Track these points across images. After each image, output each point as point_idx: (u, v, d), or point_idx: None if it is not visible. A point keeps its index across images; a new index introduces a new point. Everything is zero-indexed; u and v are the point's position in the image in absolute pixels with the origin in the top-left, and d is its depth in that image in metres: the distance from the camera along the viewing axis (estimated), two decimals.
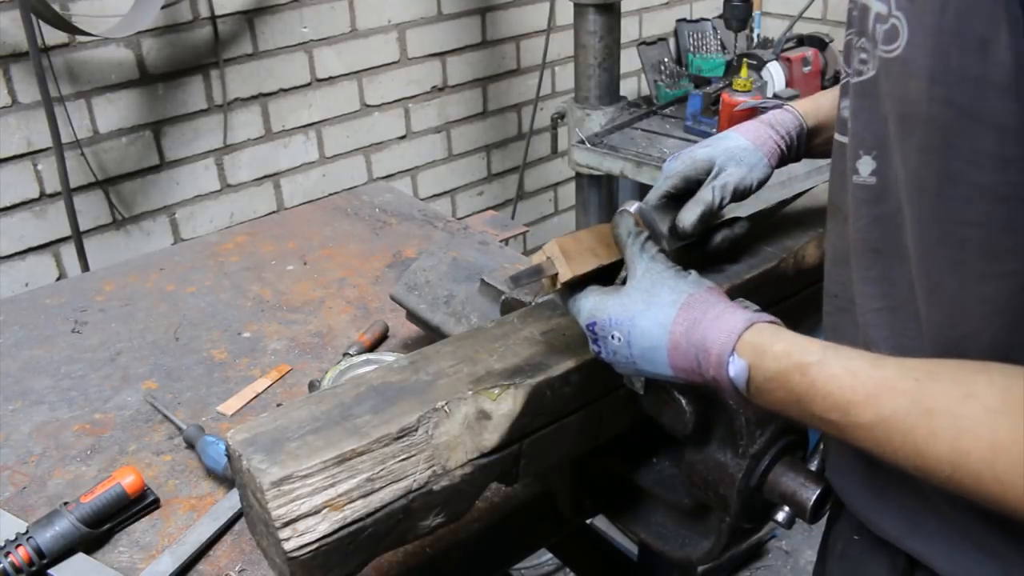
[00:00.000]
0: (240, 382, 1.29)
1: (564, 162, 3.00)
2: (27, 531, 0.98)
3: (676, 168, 1.00)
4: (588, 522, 1.55)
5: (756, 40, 3.08)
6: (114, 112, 2.11)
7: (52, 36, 1.93)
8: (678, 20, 3.25)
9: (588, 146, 2.40)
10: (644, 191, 1.06)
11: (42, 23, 1.85)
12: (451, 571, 1.02)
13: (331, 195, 2.44)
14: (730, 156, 0.97)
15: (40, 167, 2.03)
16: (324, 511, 0.71)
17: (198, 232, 2.33)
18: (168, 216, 2.29)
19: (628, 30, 3.01)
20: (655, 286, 0.75)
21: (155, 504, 1.06)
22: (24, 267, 2.07)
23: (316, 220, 1.80)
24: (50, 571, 0.97)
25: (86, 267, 2.01)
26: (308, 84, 2.43)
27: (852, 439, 0.64)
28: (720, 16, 2.94)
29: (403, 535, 0.77)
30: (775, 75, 2.55)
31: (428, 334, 1.18)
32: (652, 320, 0.73)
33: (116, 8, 1.99)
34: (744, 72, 2.13)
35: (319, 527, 0.70)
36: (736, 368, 0.69)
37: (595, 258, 0.81)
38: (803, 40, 2.76)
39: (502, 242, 1.57)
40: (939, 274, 0.66)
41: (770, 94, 2.45)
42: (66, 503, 1.01)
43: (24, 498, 1.09)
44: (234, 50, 2.26)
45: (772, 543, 2.53)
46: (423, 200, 2.58)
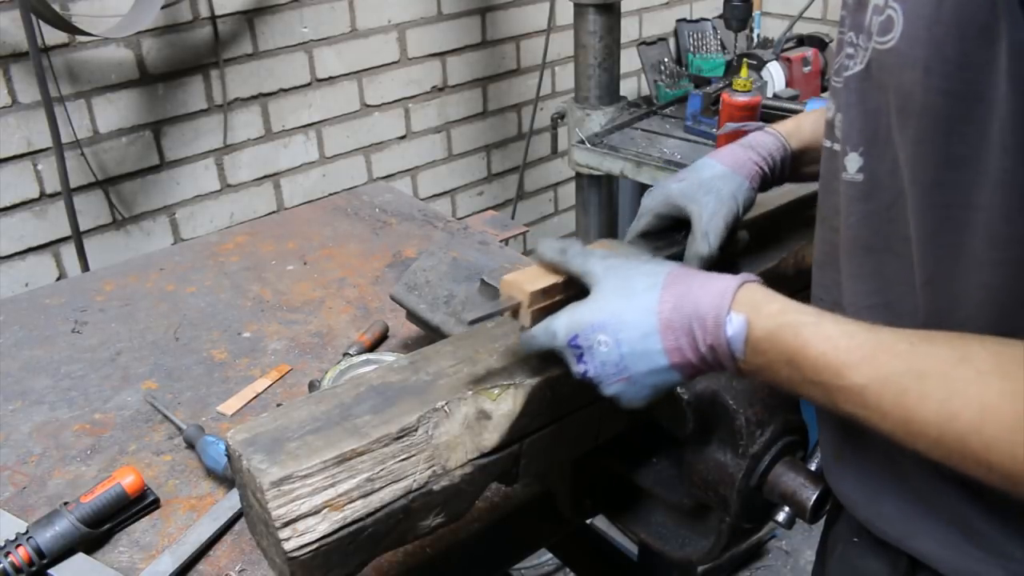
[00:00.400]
0: (240, 382, 1.29)
1: (564, 162, 3.00)
2: (27, 531, 0.98)
3: (649, 206, 1.00)
4: (588, 522, 1.55)
5: (756, 40, 3.08)
6: (114, 112, 2.11)
7: (52, 36, 1.93)
8: (678, 20, 3.25)
9: (588, 146, 2.40)
10: (644, 191, 1.06)
11: (42, 23, 1.85)
12: (451, 571, 1.02)
13: (331, 195, 2.44)
14: (707, 189, 0.95)
15: (40, 167, 2.03)
16: (324, 511, 0.71)
17: (198, 232, 2.33)
18: (168, 216, 2.29)
19: (628, 30, 3.01)
20: (626, 279, 0.73)
21: (155, 504, 1.06)
22: (24, 267, 2.07)
23: (316, 220, 1.80)
24: (50, 571, 0.97)
25: (86, 267, 2.01)
26: (308, 84, 2.43)
27: (839, 403, 0.64)
28: (720, 16, 2.94)
29: (403, 535, 0.77)
30: (775, 75, 2.55)
31: (428, 334, 1.17)
32: (637, 309, 0.71)
33: (116, 8, 1.99)
34: (744, 72, 2.13)
35: (319, 527, 0.70)
36: (735, 326, 0.67)
37: (549, 277, 0.79)
38: (803, 40, 2.76)
39: (502, 242, 1.57)
40: (937, 262, 0.66)
41: (770, 94, 2.45)
42: (66, 503, 1.01)
43: (24, 498, 1.09)
44: (234, 50, 2.26)
45: (772, 543, 2.53)
46: (423, 200, 2.58)
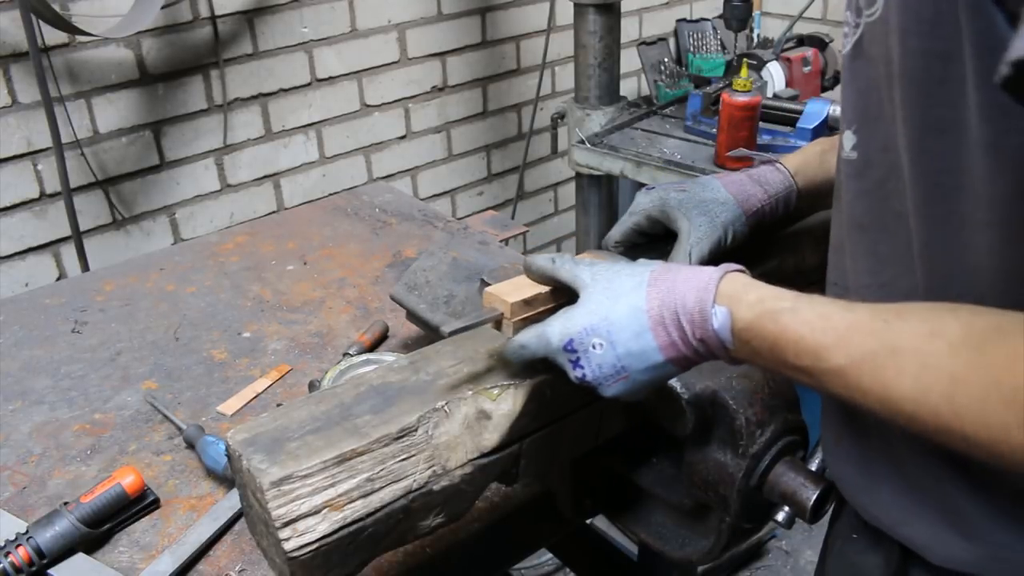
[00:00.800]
0: (240, 382, 1.29)
1: (564, 162, 3.00)
2: (27, 531, 0.98)
3: (643, 205, 1.00)
4: (588, 522, 1.55)
5: (756, 40, 3.08)
6: (114, 112, 2.11)
7: (52, 36, 1.93)
8: (678, 20, 3.25)
9: (588, 146, 2.40)
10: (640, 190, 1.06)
11: (42, 23, 1.85)
12: (451, 571, 1.02)
13: (331, 195, 2.44)
14: (704, 210, 0.95)
15: (40, 167, 2.03)
16: (324, 511, 0.71)
17: (198, 232, 2.33)
18: (168, 216, 2.29)
19: (628, 30, 3.01)
20: (612, 282, 0.74)
21: (155, 504, 1.06)
22: (24, 267, 2.07)
23: (316, 220, 1.80)
24: (50, 571, 0.97)
25: (86, 267, 2.01)
26: (308, 84, 2.43)
27: (825, 386, 0.65)
28: (720, 16, 2.94)
29: (403, 535, 0.77)
30: (775, 75, 2.55)
31: (428, 334, 1.17)
32: (625, 309, 0.71)
33: (116, 8, 1.99)
34: (744, 72, 2.13)
35: (319, 527, 0.70)
36: (720, 319, 0.68)
37: (532, 288, 0.80)
38: (803, 40, 2.75)
39: (502, 242, 1.57)
40: (930, 231, 0.67)
41: (770, 94, 2.45)
42: (66, 503, 1.01)
43: (24, 498, 1.09)
44: (234, 50, 2.26)
45: (772, 543, 2.53)
46: (423, 200, 2.58)
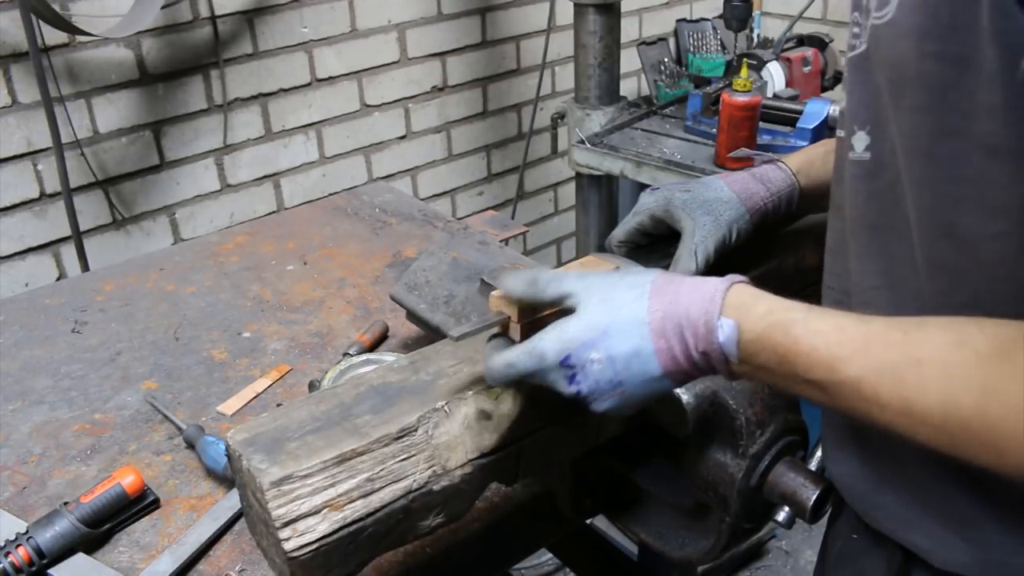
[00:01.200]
0: (240, 382, 1.29)
1: (564, 162, 3.00)
2: (27, 531, 0.98)
3: (648, 204, 0.99)
4: (588, 522, 1.55)
5: (756, 40, 3.08)
6: (114, 112, 2.11)
7: (52, 36, 1.93)
8: (678, 20, 3.25)
9: (588, 146, 2.40)
10: (644, 191, 1.06)
11: (42, 23, 1.85)
12: (451, 571, 1.02)
13: (331, 195, 2.44)
14: (708, 209, 0.95)
15: (40, 167, 2.03)
16: (324, 511, 0.71)
17: (198, 232, 2.33)
18: (168, 216, 2.29)
19: (628, 30, 3.01)
20: (609, 293, 0.70)
21: (155, 504, 1.06)
22: (24, 267, 2.07)
23: (316, 220, 1.80)
24: (50, 571, 0.97)
25: (86, 267, 2.01)
26: (308, 84, 2.43)
27: (837, 398, 0.63)
28: (720, 16, 2.94)
29: (403, 535, 0.77)
30: (775, 75, 2.55)
31: (428, 334, 1.17)
32: (626, 322, 0.68)
33: (116, 8, 1.99)
34: (744, 72, 2.13)
35: (319, 527, 0.70)
36: (726, 332, 0.66)
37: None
38: (803, 40, 2.75)
39: (502, 242, 1.57)
40: (935, 239, 0.66)
41: (770, 94, 2.45)
42: (66, 503, 1.01)
43: (24, 498, 1.09)
44: (234, 50, 2.26)
45: (772, 543, 2.53)
46: (423, 200, 2.58)
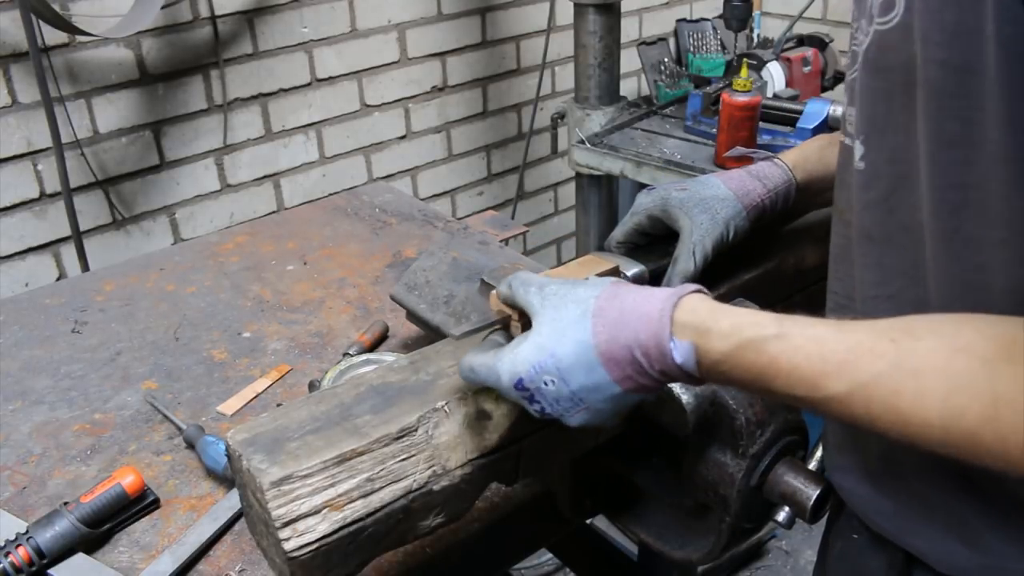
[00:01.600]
0: (240, 382, 1.29)
1: (564, 162, 3.00)
2: (27, 531, 0.98)
3: (644, 205, 0.99)
4: (588, 522, 1.55)
5: (756, 40, 3.08)
6: (114, 112, 2.11)
7: (52, 36, 1.93)
8: (678, 20, 3.25)
9: (588, 146, 2.40)
10: (641, 190, 1.06)
11: (42, 23, 1.85)
12: (451, 571, 1.02)
13: (331, 195, 2.44)
14: (705, 207, 0.94)
15: (40, 167, 2.03)
16: (324, 511, 0.71)
17: (198, 232, 2.33)
18: (168, 216, 2.29)
19: (628, 30, 3.01)
20: (559, 309, 0.67)
21: (155, 504, 1.06)
22: (24, 267, 2.07)
23: (316, 220, 1.80)
24: (50, 571, 0.97)
25: (86, 267, 2.01)
26: (308, 84, 2.43)
27: (824, 411, 0.60)
28: (720, 16, 2.94)
29: (403, 535, 0.77)
30: (775, 75, 2.55)
31: (428, 334, 1.17)
32: (571, 343, 0.65)
33: (116, 8, 1.99)
34: (744, 72, 2.12)
35: (319, 527, 0.70)
36: (682, 353, 0.63)
37: None
38: (803, 40, 2.75)
39: (502, 242, 1.57)
40: (937, 246, 0.66)
41: (770, 94, 2.45)
42: (66, 503, 1.01)
43: (24, 498, 1.09)
44: (234, 50, 2.26)
45: (772, 543, 2.53)
46: (423, 200, 2.58)
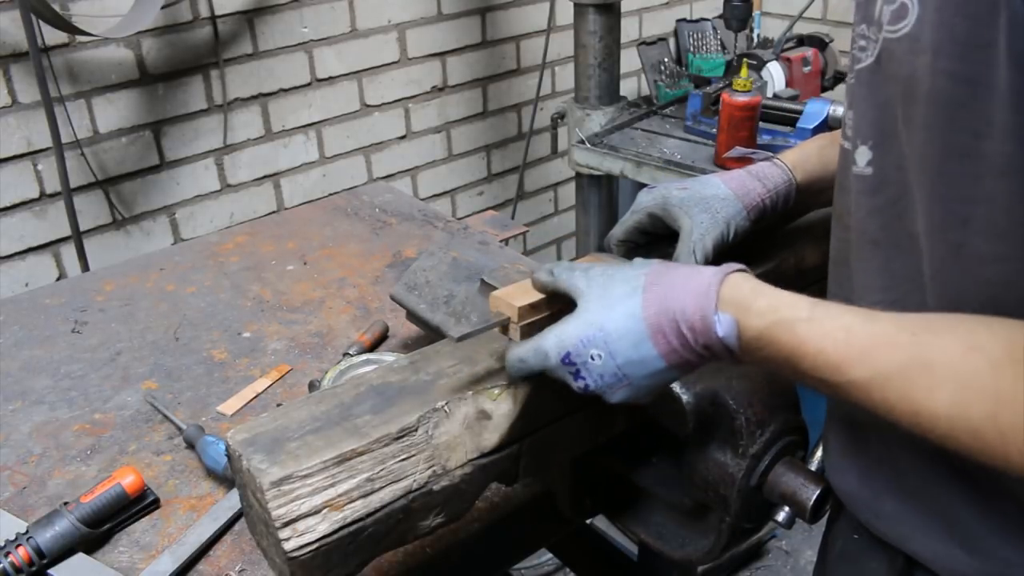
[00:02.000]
0: (240, 382, 1.29)
1: (564, 162, 3.00)
2: (27, 531, 0.98)
3: (645, 204, 0.99)
4: (588, 522, 1.55)
5: (756, 40, 3.08)
6: (114, 112, 2.11)
7: (52, 36, 1.93)
8: (678, 20, 3.25)
9: (588, 146, 2.40)
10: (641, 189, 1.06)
11: (42, 23, 1.85)
12: (451, 571, 1.02)
13: (331, 195, 2.44)
14: (705, 207, 0.95)
15: (40, 167, 2.03)
16: (324, 511, 0.71)
17: (198, 232, 2.33)
18: (168, 216, 2.29)
19: (628, 30, 3.01)
20: (607, 288, 0.71)
21: (155, 504, 1.06)
22: (24, 267, 2.07)
23: (316, 220, 1.80)
24: (50, 571, 0.97)
25: (86, 267, 2.01)
26: (308, 84, 2.43)
27: (844, 396, 0.63)
28: (720, 16, 2.94)
29: (403, 535, 0.77)
30: (775, 75, 2.55)
31: (428, 334, 1.17)
32: (622, 317, 0.69)
33: (116, 8, 1.99)
34: (744, 72, 2.12)
35: (319, 527, 0.70)
36: (724, 326, 0.66)
37: (537, 295, 0.79)
38: (803, 40, 2.75)
39: (502, 242, 1.57)
40: (942, 258, 0.66)
41: (770, 94, 2.45)
42: (66, 503, 1.01)
43: (24, 498, 1.09)
44: (234, 50, 2.26)
45: (772, 543, 2.53)
46: (423, 200, 2.58)
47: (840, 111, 2.10)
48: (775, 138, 2.21)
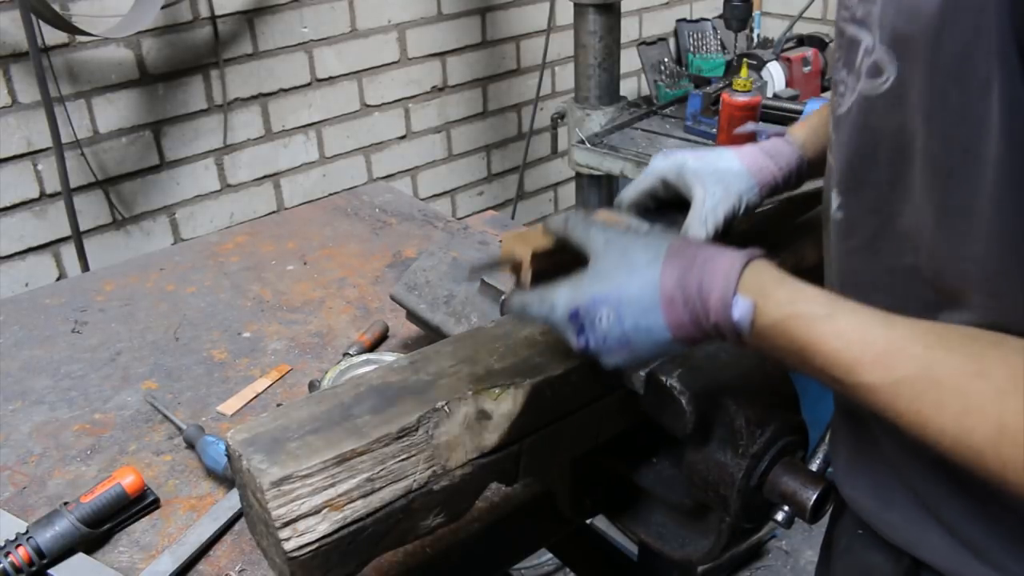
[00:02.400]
0: (240, 382, 1.29)
1: (564, 162, 3.00)
2: (27, 531, 0.98)
3: (659, 169, 0.99)
4: (588, 522, 1.55)
5: (756, 40, 3.08)
6: (114, 112, 2.11)
7: (52, 36, 1.93)
8: (678, 20, 3.25)
9: (588, 146, 2.40)
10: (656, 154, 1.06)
11: (42, 23, 1.85)
12: (451, 571, 1.02)
13: (331, 195, 2.44)
14: (718, 178, 0.94)
15: (40, 167, 2.03)
16: (324, 511, 0.71)
17: (198, 232, 2.33)
18: (168, 216, 2.29)
19: (628, 30, 3.01)
20: (626, 252, 0.71)
21: (155, 504, 1.06)
22: (24, 267, 2.07)
23: (316, 220, 1.80)
24: (50, 571, 0.97)
25: (86, 267, 2.01)
26: (308, 84, 2.43)
27: (853, 395, 0.63)
28: (720, 16, 2.94)
29: (403, 535, 0.77)
30: (775, 75, 2.55)
31: (428, 334, 1.18)
32: (639, 282, 0.69)
33: (116, 8, 1.99)
34: (744, 72, 2.13)
35: (319, 527, 0.70)
36: (741, 310, 0.66)
37: (551, 240, 0.80)
38: (803, 40, 2.76)
39: (502, 242, 1.57)
40: (942, 308, 0.66)
41: (770, 94, 2.45)
42: (66, 503, 1.01)
43: (24, 498, 1.09)
44: (234, 50, 2.27)
45: (772, 543, 2.53)
46: (423, 200, 2.58)
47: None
48: None
